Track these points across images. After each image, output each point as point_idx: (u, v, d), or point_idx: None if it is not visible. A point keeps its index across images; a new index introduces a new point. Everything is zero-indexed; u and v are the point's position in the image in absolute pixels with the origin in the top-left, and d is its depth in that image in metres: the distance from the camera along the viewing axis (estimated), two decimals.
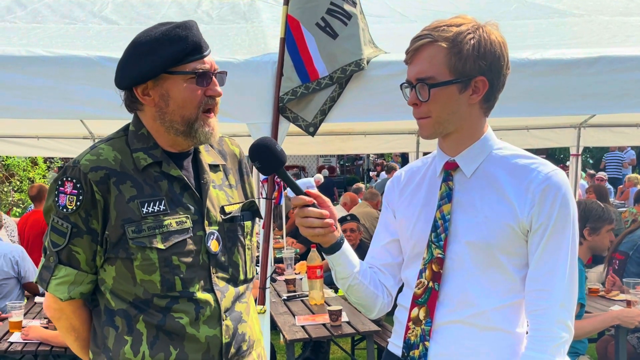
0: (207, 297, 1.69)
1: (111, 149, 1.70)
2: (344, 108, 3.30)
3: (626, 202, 11.25)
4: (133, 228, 1.64)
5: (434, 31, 1.58)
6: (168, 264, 1.66)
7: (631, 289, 4.02)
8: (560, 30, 4.10)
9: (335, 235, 1.65)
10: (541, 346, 1.55)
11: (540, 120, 6.67)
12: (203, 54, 1.68)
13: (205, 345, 1.68)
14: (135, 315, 1.67)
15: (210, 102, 1.70)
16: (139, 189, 1.67)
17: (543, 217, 1.56)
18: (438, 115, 1.60)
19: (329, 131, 6.87)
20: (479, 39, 1.57)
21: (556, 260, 1.56)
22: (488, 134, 1.67)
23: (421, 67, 1.59)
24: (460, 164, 1.66)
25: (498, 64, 1.60)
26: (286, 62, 3.23)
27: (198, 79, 1.66)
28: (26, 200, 11.27)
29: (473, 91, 1.59)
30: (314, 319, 3.98)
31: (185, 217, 1.69)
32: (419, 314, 1.66)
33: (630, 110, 3.41)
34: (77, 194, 1.63)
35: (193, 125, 1.68)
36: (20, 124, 5.80)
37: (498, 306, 1.61)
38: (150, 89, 1.68)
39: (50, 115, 3.35)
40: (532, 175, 1.58)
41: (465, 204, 1.63)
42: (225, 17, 4.23)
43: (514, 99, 3.28)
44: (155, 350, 1.66)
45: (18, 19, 4.11)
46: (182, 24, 1.67)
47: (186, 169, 1.76)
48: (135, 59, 1.67)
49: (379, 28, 3.71)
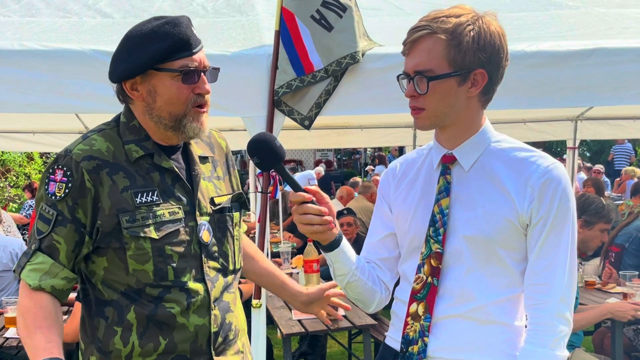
0: (197, 287, 1.71)
1: (104, 140, 1.70)
2: (339, 101, 3.29)
3: (623, 194, 11.27)
4: (127, 217, 1.65)
5: (432, 22, 1.55)
6: (161, 254, 1.67)
7: (627, 281, 4.02)
8: (556, 22, 4.09)
9: (334, 232, 1.64)
10: (541, 340, 1.54)
11: (537, 113, 6.67)
12: (192, 50, 1.67)
13: (194, 334, 1.70)
14: (126, 306, 1.67)
15: (200, 99, 1.70)
16: (132, 180, 1.68)
17: (543, 211, 1.54)
18: (436, 108, 1.57)
19: (326, 125, 6.86)
20: (478, 31, 1.54)
21: (556, 254, 1.55)
22: (486, 126, 1.65)
23: (419, 59, 1.56)
24: (459, 157, 1.64)
25: (497, 56, 1.57)
26: (281, 55, 3.22)
27: (184, 76, 1.66)
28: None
29: (472, 84, 1.57)
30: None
31: (178, 207, 1.71)
32: (418, 310, 1.65)
33: (627, 102, 3.40)
34: (67, 181, 1.63)
35: (182, 121, 1.69)
36: (16, 119, 5.78)
37: (497, 300, 1.60)
38: (139, 84, 1.68)
39: (44, 110, 3.33)
40: (531, 168, 1.56)
41: (464, 198, 1.62)
42: (220, 10, 4.20)
43: (510, 91, 3.27)
44: (144, 341, 1.67)
45: (12, 13, 4.09)
46: (171, 20, 1.66)
47: (177, 160, 1.76)
48: (125, 54, 1.67)
49: (374, 21, 3.70)
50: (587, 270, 4.70)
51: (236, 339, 1.83)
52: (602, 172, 13.20)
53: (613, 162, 14.85)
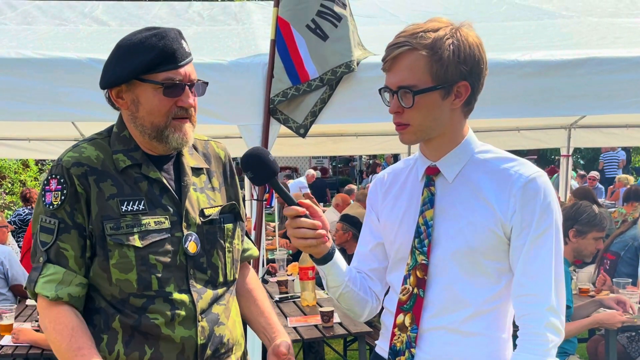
0: (183, 298, 1.69)
1: (94, 148, 1.72)
2: (334, 110, 3.30)
3: (616, 202, 11.30)
4: (111, 225, 1.65)
5: (411, 38, 1.56)
6: (145, 263, 1.66)
7: (621, 288, 4.04)
8: (549, 31, 4.12)
9: (327, 245, 1.65)
10: (531, 349, 1.54)
11: (531, 122, 6.70)
12: (177, 64, 1.68)
13: (180, 345, 1.68)
14: (112, 314, 1.67)
15: (181, 112, 1.71)
16: (119, 188, 1.68)
17: (525, 221, 1.55)
18: (421, 123, 1.58)
19: (321, 132, 6.88)
20: (458, 44, 1.55)
21: (541, 264, 1.55)
22: (469, 137, 1.66)
23: (402, 76, 1.57)
24: (442, 169, 1.65)
25: (478, 67, 1.59)
26: (277, 64, 3.24)
27: (166, 89, 1.67)
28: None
29: (456, 96, 1.58)
30: (306, 320, 3.98)
31: (164, 217, 1.70)
32: (405, 321, 1.65)
33: (619, 111, 3.42)
34: (61, 188, 1.65)
35: (163, 132, 1.70)
36: (11, 126, 5.77)
37: (482, 311, 1.60)
38: (124, 92, 1.70)
39: (40, 118, 3.34)
40: (513, 178, 1.57)
41: (448, 209, 1.62)
42: (216, 18, 4.23)
43: (503, 100, 3.30)
44: (130, 349, 1.66)
45: (8, 21, 4.10)
46: (159, 33, 1.68)
47: (167, 171, 1.76)
48: (114, 62, 1.69)
49: (369, 29, 3.72)
50: (581, 277, 4.71)
51: (229, 353, 1.79)
52: (597, 180, 13.24)
53: (604, 170, 14.89)
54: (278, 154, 8.75)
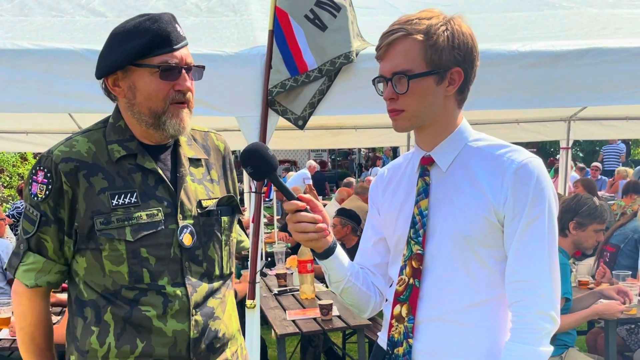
0: (176, 291, 1.68)
1: (86, 141, 1.71)
2: (333, 101, 3.28)
3: (616, 194, 11.31)
4: (102, 219, 1.64)
5: (406, 24, 1.58)
6: (136, 256, 1.65)
7: (621, 281, 4.03)
8: (549, 22, 4.10)
9: (328, 240, 1.64)
10: (523, 338, 1.53)
11: (531, 114, 6.68)
12: (172, 47, 1.66)
13: (173, 339, 1.67)
14: (103, 306, 1.67)
15: (179, 97, 1.69)
16: (111, 181, 1.67)
17: (518, 207, 1.54)
18: (415, 108, 1.59)
19: (320, 125, 6.86)
20: (452, 31, 1.57)
21: (533, 250, 1.54)
22: (463, 125, 1.66)
23: (397, 61, 1.58)
24: (436, 158, 1.65)
25: (471, 55, 1.60)
26: (275, 55, 3.21)
27: (163, 72, 1.65)
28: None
29: (449, 82, 1.59)
30: (304, 313, 3.97)
31: (157, 209, 1.69)
32: (402, 311, 1.65)
33: (620, 102, 3.40)
34: (47, 183, 1.65)
35: (160, 117, 1.68)
36: (8, 119, 5.75)
37: (478, 301, 1.59)
38: (120, 80, 1.69)
39: (37, 109, 3.32)
40: (505, 165, 1.56)
41: (442, 198, 1.62)
42: (214, 9, 4.19)
43: (504, 91, 3.28)
44: (121, 342, 1.66)
45: (4, 12, 4.06)
46: (152, 17, 1.66)
47: (163, 161, 1.75)
48: (109, 50, 1.68)
49: (369, 20, 3.69)
50: (581, 269, 4.71)
51: (224, 347, 1.78)
52: (600, 171, 13.26)
53: (603, 162, 14.89)
54: (276, 147, 8.73)
